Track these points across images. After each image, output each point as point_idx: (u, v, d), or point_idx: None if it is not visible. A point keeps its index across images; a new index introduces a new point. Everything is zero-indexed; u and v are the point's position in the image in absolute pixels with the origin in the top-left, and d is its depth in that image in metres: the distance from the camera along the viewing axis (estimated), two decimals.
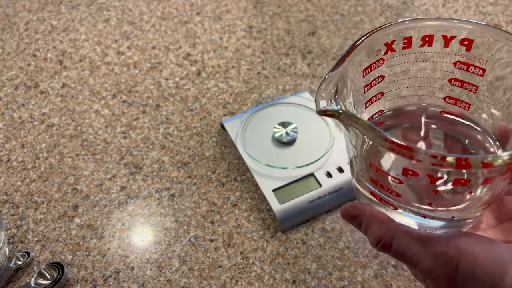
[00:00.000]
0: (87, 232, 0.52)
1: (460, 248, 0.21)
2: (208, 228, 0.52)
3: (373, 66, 0.25)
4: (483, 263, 0.20)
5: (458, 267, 0.21)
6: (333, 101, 0.21)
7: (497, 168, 0.18)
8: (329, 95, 0.21)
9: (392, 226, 0.23)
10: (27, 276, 0.49)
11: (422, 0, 0.84)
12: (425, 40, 0.25)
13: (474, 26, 0.24)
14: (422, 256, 0.22)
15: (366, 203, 0.26)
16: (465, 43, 0.24)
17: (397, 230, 0.23)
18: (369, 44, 0.24)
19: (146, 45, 0.76)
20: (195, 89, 0.69)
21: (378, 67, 0.25)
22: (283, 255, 0.50)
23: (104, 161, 0.59)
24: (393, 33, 0.25)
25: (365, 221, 0.24)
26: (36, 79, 0.72)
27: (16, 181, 0.58)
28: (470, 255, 0.21)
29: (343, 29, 0.78)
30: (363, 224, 0.25)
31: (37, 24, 0.82)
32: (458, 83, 0.26)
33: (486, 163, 0.17)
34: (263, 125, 0.59)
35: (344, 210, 0.26)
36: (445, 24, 0.25)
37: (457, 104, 0.26)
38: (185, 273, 0.48)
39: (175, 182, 0.57)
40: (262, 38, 0.77)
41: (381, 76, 0.26)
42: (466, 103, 0.26)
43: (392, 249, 0.23)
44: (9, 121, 0.65)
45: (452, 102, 0.27)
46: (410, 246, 0.22)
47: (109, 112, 0.66)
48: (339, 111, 0.21)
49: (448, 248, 0.21)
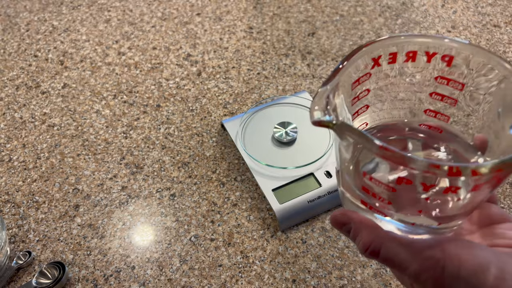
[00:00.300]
0: (88, 231, 0.53)
1: (446, 251, 0.22)
2: (208, 227, 0.52)
3: (361, 80, 0.26)
4: (467, 264, 0.21)
5: (445, 270, 0.22)
6: (326, 113, 0.22)
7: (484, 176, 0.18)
8: (322, 107, 0.22)
9: (380, 233, 0.24)
10: (29, 275, 0.49)
11: (421, 1, 0.84)
12: (409, 56, 0.26)
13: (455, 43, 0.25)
14: (410, 261, 0.23)
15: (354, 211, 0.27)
16: (446, 59, 0.26)
17: (385, 236, 0.24)
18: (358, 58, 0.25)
19: (147, 46, 0.77)
20: (195, 89, 0.69)
21: (365, 81, 0.26)
22: (283, 254, 0.50)
23: (105, 161, 0.60)
24: (380, 49, 0.26)
25: (353, 228, 0.25)
26: (37, 80, 0.72)
27: (18, 181, 0.58)
28: (455, 257, 0.22)
29: (343, 30, 0.78)
30: (351, 231, 0.25)
31: (38, 25, 0.82)
32: (438, 97, 0.27)
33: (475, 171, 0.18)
34: (263, 125, 0.60)
35: (334, 217, 0.26)
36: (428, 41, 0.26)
37: (437, 116, 0.28)
38: (185, 272, 0.49)
39: (176, 182, 0.57)
40: (262, 39, 0.77)
41: (367, 90, 0.27)
42: (446, 116, 0.27)
43: (381, 255, 0.24)
44: (10, 121, 0.66)
45: (432, 115, 0.28)
46: (398, 252, 0.23)
47: (110, 112, 0.66)
48: (333, 121, 0.22)
49: (434, 252, 0.22)
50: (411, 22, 0.80)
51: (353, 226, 0.25)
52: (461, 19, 0.80)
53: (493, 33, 0.77)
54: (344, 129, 0.21)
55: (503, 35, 0.76)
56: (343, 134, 0.22)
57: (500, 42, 0.75)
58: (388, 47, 0.26)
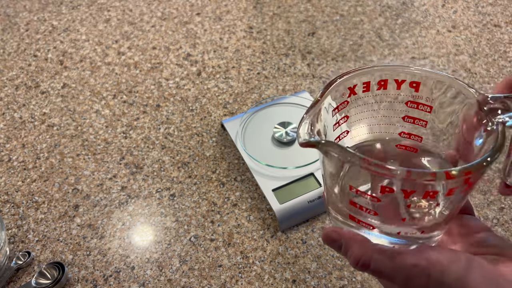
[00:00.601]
0: (87, 231, 0.52)
1: (429, 259, 0.24)
2: (208, 227, 0.52)
3: (340, 107, 0.29)
4: (449, 269, 0.23)
5: (430, 277, 0.24)
6: (312, 135, 0.25)
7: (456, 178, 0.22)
8: (307, 131, 0.25)
9: (369, 246, 0.26)
10: (28, 275, 0.49)
11: (421, 1, 0.84)
12: (381, 84, 0.29)
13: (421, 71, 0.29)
14: (398, 270, 0.25)
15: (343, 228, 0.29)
16: (413, 85, 0.29)
17: (374, 249, 0.26)
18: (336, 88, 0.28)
19: (147, 46, 0.77)
20: (195, 89, 0.69)
21: (344, 108, 0.29)
22: (283, 255, 0.50)
23: (104, 161, 0.60)
24: (354, 78, 0.29)
25: (344, 244, 0.27)
26: (36, 79, 0.72)
27: (17, 181, 0.58)
28: (438, 264, 0.24)
29: (343, 30, 0.78)
30: (343, 247, 0.27)
31: (37, 25, 0.82)
32: (410, 120, 0.30)
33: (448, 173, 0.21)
34: (263, 125, 0.59)
35: (325, 234, 0.28)
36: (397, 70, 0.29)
37: (411, 137, 0.31)
38: (185, 273, 0.49)
39: (176, 182, 0.57)
40: (262, 39, 0.77)
41: (346, 116, 0.30)
42: (419, 136, 0.30)
43: (371, 267, 0.25)
44: (10, 121, 0.66)
45: (406, 136, 0.31)
46: (386, 263, 0.25)
47: (110, 112, 0.66)
48: (319, 141, 0.24)
49: (419, 260, 0.24)
50: (411, 22, 0.80)
51: (343, 242, 0.27)
52: (461, 19, 0.80)
53: (494, 32, 0.77)
54: (330, 147, 0.24)
55: (504, 35, 0.76)
56: (329, 152, 0.24)
57: (500, 42, 0.75)
58: (361, 77, 0.29)
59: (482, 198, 0.54)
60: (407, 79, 0.29)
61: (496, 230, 0.51)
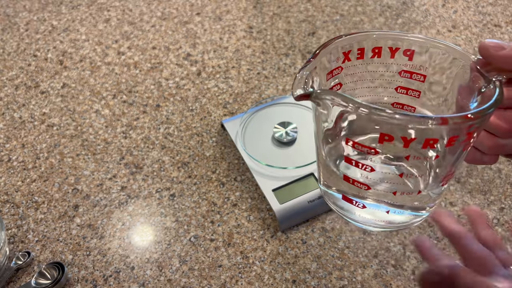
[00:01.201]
0: (87, 232, 0.52)
1: None
2: (208, 227, 0.52)
3: (334, 72, 0.28)
4: None
5: None
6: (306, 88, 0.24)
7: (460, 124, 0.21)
8: (302, 86, 0.25)
9: None
10: (28, 276, 0.49)
11: (422, 1, 0.84)
12: (375, 52, 0.28)
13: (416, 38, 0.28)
14: None
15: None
16: (407, 53, 0.28)
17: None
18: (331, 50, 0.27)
19: (147, 45, 0.77)
20: (195, 89, 0.69)
21: (337, 74, 0.29)
22: (283, 255, 0.50)
23: (104, 161, 0.60)
24: (349, 43, 0.28)
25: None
26: (36, 79, 0.72)
27: (17, 181, 0.58)
28: None
29: (343, 30, 0.78)
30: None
31: (37, 24, 0.82)
32: (403, 90, 0.30)
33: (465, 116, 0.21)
34: (263, 125, 0.59)
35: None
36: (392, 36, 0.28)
37: (404, 108, 0.30)
38: (185, 273, 0.49)
39: (175, 182, 0.57)
40: (262, 38, 0.77)
41: (339, 84, 0.29)
42: (411, 107, 0.30)
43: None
44: (9, 121, 0.65)
45: (399, 107, 0.31)
46: None
47: (110, 112, 0.66)
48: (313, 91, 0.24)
49: None
50: (412, 22, 0.80)
51: None
52: (461, 19, 0.80)
53: (494, 32, 0.77)
54: (325, 94, 0.23)
55: (504, 35, 0.76)
56: (324, 99, 0.23)
57: None
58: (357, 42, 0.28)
59: (482, 198, 0.54)
60: (401, 46, 0.28)
61: (496, 230, 0.51)
